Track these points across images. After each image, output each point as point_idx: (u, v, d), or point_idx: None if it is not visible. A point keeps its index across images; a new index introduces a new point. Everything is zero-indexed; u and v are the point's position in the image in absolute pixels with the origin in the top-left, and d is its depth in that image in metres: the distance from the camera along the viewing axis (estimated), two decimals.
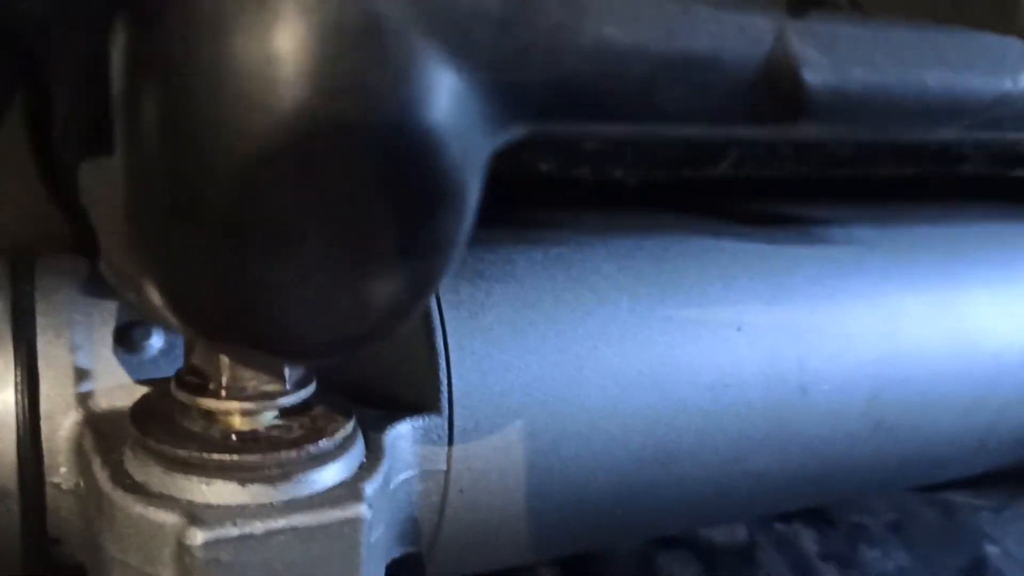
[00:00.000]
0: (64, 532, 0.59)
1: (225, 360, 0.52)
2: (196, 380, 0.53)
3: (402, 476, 0.62)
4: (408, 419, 0.62)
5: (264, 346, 0.36)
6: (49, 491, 0.58)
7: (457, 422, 0.64)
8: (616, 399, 0.69)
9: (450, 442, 0.64)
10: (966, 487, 1.17)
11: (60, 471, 0.58)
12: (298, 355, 0.37)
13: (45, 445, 0.57)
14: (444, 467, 0.64)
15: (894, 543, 1.05)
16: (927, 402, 0.85)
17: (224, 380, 0.52)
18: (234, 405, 0.52)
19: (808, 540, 1.03)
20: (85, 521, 0.58)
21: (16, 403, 0.56)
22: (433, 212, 0.32)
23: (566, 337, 0.68)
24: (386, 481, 0.57)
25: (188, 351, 0.53)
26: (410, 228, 0.32)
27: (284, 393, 0.54)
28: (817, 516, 1.06)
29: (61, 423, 0.57)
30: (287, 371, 0.54)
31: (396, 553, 0.63)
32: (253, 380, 0.53)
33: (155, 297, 0.36)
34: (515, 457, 0.66)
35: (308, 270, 0.32)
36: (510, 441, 0.66)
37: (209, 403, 0.52)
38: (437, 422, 0.63)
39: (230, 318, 0.34)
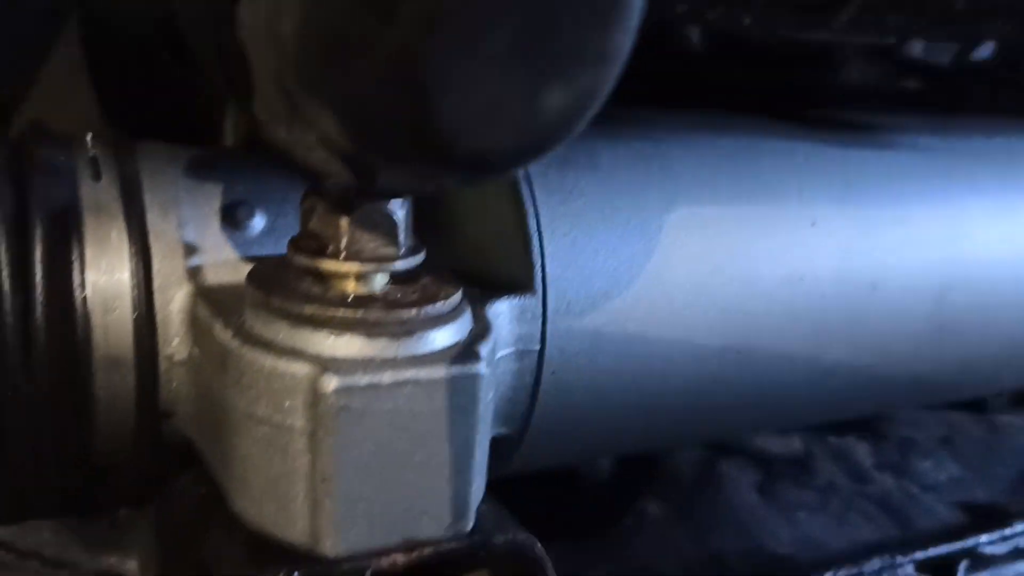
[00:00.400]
0: (174, 405, 0.61)
1: (344, 224, 0.53)
2: (314, 244, 0.54)
3: (500, 354, 0.63)
4: (506, 298, 0.63)
5: (440, 154, 0.37)
6: (162, 363, 0.59)
7: (550, 303, 0.65)
8: (698, 289, 0.71)
9: (543, 322, 0.65)
10: (1010, 412, 1.19)
11: (173, 343, 0.59)
12: (469, 165, 0.38)
13: (158, 317, 0.58)
14: (538, 346, 0.65)
15: (944, 456, 1.07)
16: (990, 305, 0.87)
17: (343, 243, 0.54)
18: (353, 267, 0.54)
19: (862, 452, 1.04)
20: (198, 390, 0.59)
21: (130, 275, 0.57)
22: (610, 20, 0.33)
23: (651, 226, 0.69)
24: (493, 351, 0.58)
25: (305, 217, 0.54)
26: (590, 33, 0.33)
27: (399, 257, 0.55)
28: (869, 430, 1.08)
29: (173, 296, 0.59)
30: (401, 236, 0.55)
31: (494, 432, 0.65)
32: (371, 243, 0.54)
33: (327, 123, 0.37)
34: (604, 340, 0.68)
35: (491, 69, 0.33)
36: (599, 324, 0.67)
37: (329, 265, 0.54)
38: (531, 302, 0.64)
39: (409, 125, 0.35)
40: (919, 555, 0.88)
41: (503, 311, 0.63)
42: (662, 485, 0.94)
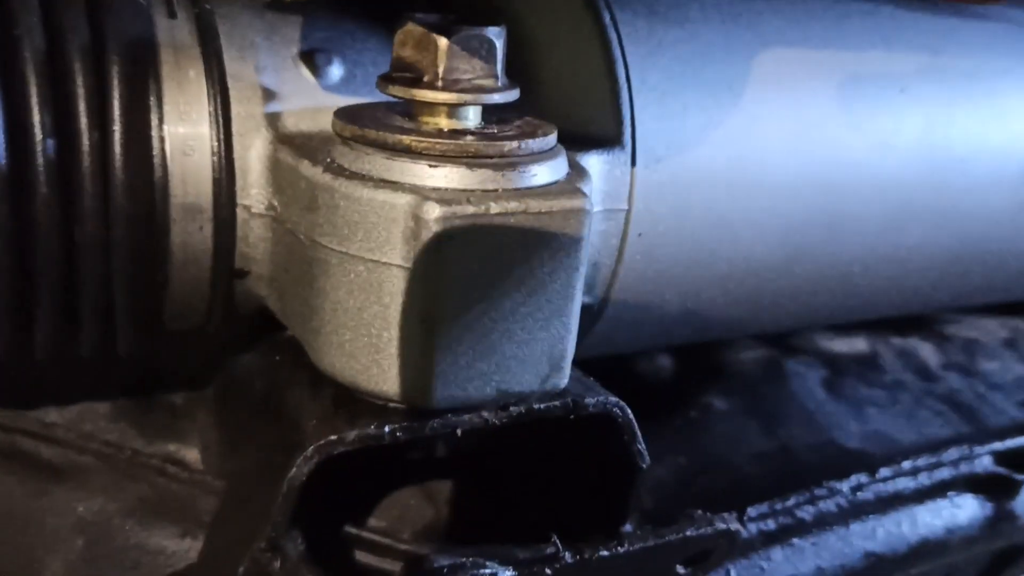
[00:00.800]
0: (250, 260, 0.58)
1: (442, 49, 0.50)
2: (408, 75, 0.51)
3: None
4: (595, 151, 0.60)
5: None
6: (240, 214, 0.56)
7: (639, 159, 0.62)
8: (787, 150, 0.68)
9: (632, 180, 0.62)
10: None
11: (251, 192, 0.56)
12: None
13: (237, 163, 0.55)
14: (625, 206, 0.62)
15: (1010, 357, 1.04)
16: None
17: (440, 71, 0.50)
18: (451, 96, 0.51)
19: (927, 351, 1.02)
20: (277, 245, 0.57)
21: (209, 116, 0.54)
22: None
23: (739, 84, 0.66)
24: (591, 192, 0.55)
25: (399, 46, 0.51)
26: None
27: (496, 89, 0.52)
28: (932, 331, 1.05)
29: (252, 142, 0.56)
30: (498, 67, 0.52)
31: None
32: (468, 73, 0.51)
33: None
34: (691, 202, 0.65)
35: None
36: (687, 184, 0.64)
37: (425, 95, 0.50)
38: (620, 156, 0.61)
39: None
40: (997, 446, 0.85)
41: (592, 165, 0.60)
42: (726, 380, 0.91)
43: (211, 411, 0.73)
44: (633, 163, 0.62)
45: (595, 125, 0.62)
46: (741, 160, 0.66)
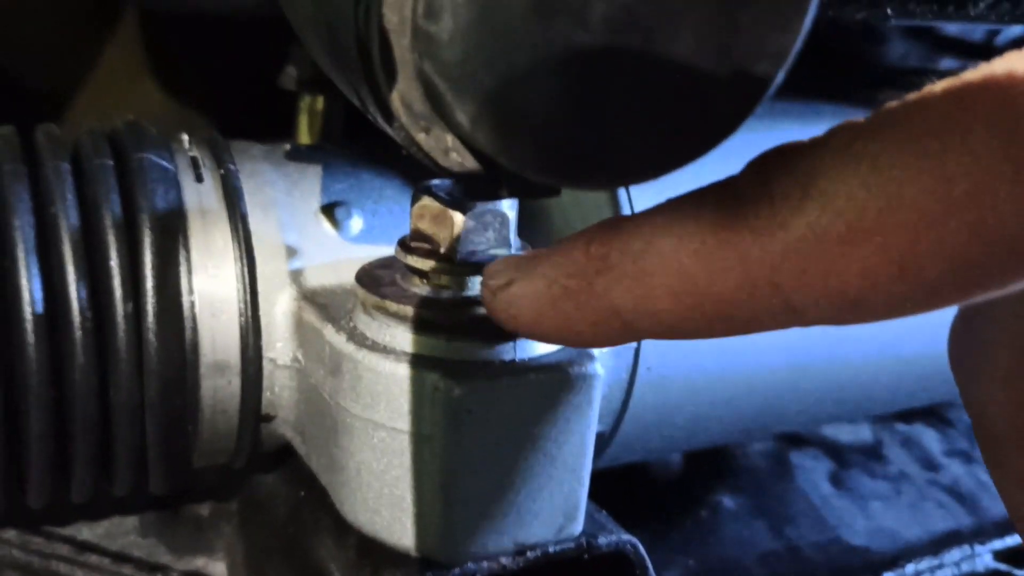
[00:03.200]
0: (276, 407, 0.61)
1: (457, 224, 0.53)
2: (425, 246, 0.54)
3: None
4: None
5: (602, 167, 0.36)
6: (265, 366, 0.59)
7: None
8: None
9: None
10: None
11: (277, 346, 0.59)
12: (623, 174, 0.37)
13: (263, 320, 0.58)
14: (635, 344, 0.65)
15: None
16: None
17: (456, 244, 0.53)
18: (467, 269, 0.53)
19: (930, 439, 1.04)
20: (301, 394, 0.59)
21: (236, 279, 0.57)
22: (791, 18, 0.33)
23: None
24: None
25: (416, 219, 0.54)
26: (769, 31, 0.33)
27: None
28: (936, 417, 1.07)
29: (277, 299, 0.58)
30: (512, 237, 0.55)
31: None
32: (482, 244, 0.54)
33: (480, 129, 0.36)
34: None
35: (670, 76, 0.33)
36: None
37: (442, 267, 0.53)
38: None
39: (575, 139, 0.35)
40: (996, 544, 0.87)
41: None
42: (734, 477, 0.93)
43: (235, 527, 0.76)
44: None
45: None
46: None
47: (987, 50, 1.18)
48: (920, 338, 0.79)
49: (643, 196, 0.65)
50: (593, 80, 0.33)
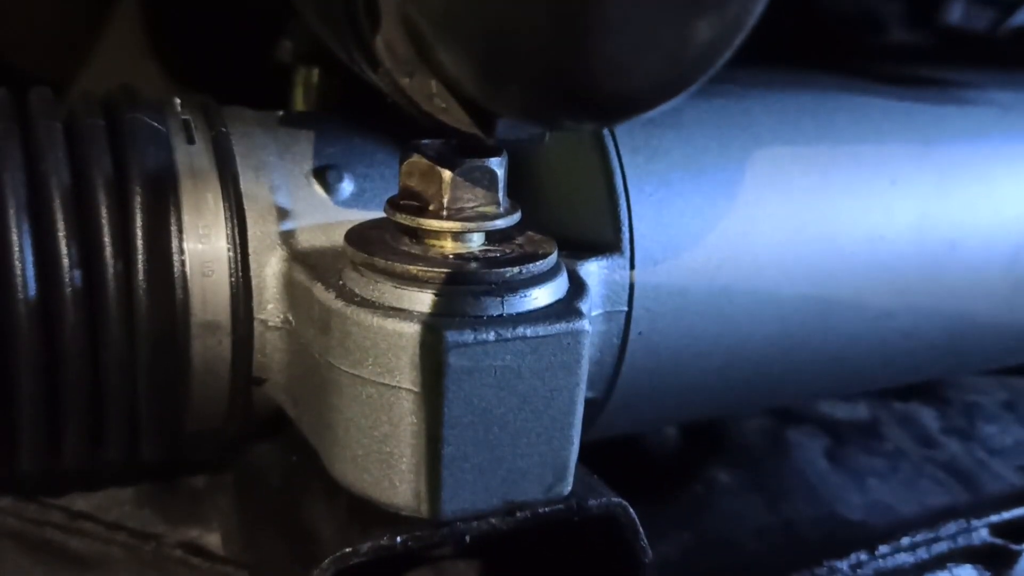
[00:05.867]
0: (267, 369, 0.61)
1: (446, 181, 0.53)
2: (414, 204, 0.54)
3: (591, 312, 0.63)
4: (594, 258, 0.63)
5: (586, 97, 0.36)
6: (256, 327, 0.59)
7: (637, 263, 0.64)
8: (782, 247, 0.70)
9: (631, 282, 0.64)
10: None
11: (267, 307, 0.59)
12: (610, 107, 0.37)
13: (253, 281, 0.58)
14: (625, 307, 0.65)
15: (1009, 420, 1.06)
16: None
17: (444, 201, 0.53)
18: (455, 225, 0.53)
19: (928, 416, 1.04)
20: (292, 355, 0.59)
21: (227, 239, 0.57)
22: None
23: (735, 184, 0.68)
24: (590, 309, 0.58)
25: (405, 175, 0.54)
26: None
27: (499, 216, 0.55)
28: (933, 395, 1.07)
29: (268, 260, 0.59)
30: (500, 194, 0.55)
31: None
32: (471, 202, 0.54)
33: (460, 66, 0.37)
34: (689, 300, 0.67)
35: (644, 4, 0.33)
36: (685, 284, 0.67)
37: (431, 223, 0.53)
38: (619, 262, 0.64)
39: (554, 67, 0.35)
40: (993, 518, 0.87)
41: (592, 272, 0.62)
42: (730, 453, 0.93)
43: (230, 497, 0.76)
44: (632, 267, 0.64)
45: (595, 231, 0.65)
46: (736, 258, 0.68)
47: (989, 41, 1.18)
48: (917, 312, 0.79)
49: (635, 161, 0.65)
50: (577, 13, 0.33)
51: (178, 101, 0.60)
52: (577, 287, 0.57)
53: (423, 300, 0.51)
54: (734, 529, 0.85)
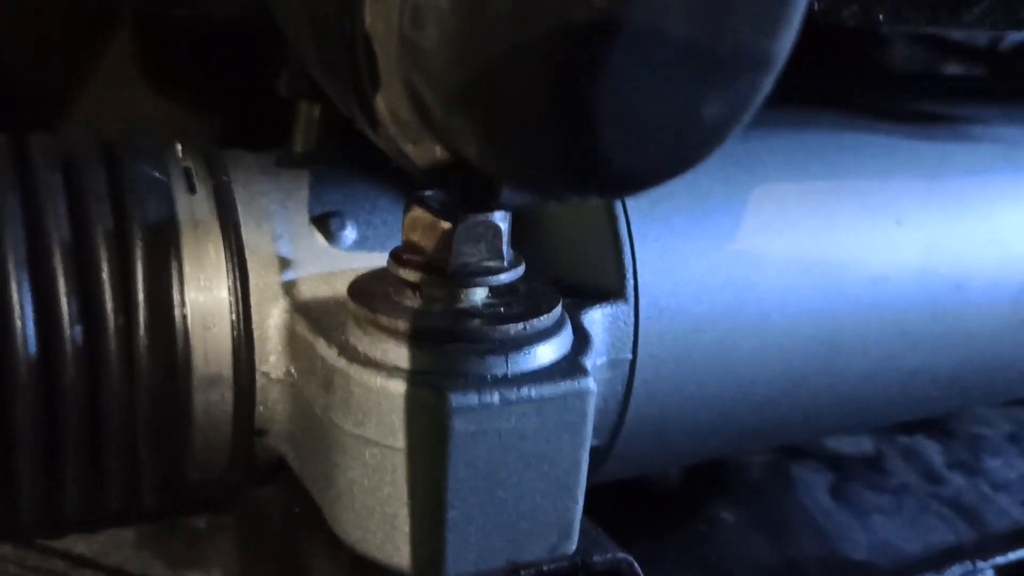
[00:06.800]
0: (269, 421, 0.60)
1: (449, 236, 0.52)
2: (417, 258, 0.53)
3: (596, 363, 0.62)
4: (599, 306, 0.62)
5: (590, 175, 0.35)
6: (258, 379, 0.58)
7: (642, 310, 0.64)
8: (787, 290, 0.70)
9: (636, 329, 0.64)
10: None
11: (269, 359, 0.58)
12: (615, 184, 0.37)
13: (256, 333, 0.57)
14: (630, 355, 0.64)
15: (1013, 453, 1.06)
16: None
17: (447, 256, 0.53)
18: (458, 280, 0.53)
19: (932, 451, 1.03)
20: (294, 408, 0.59)
21: (228, 291, 0.56)
22: (777, 22, 0.32)
23: (740, 228, 0.68)
24: (595, 363, 0.58)
25: (407, 229, 0.53)
26: (756, 37, 0.32)
27: (502, 270, 0.54)
28: (938, 428, 1.06)
29: (270, 312, 0.58)
30: (504, 248, 0.54)
31: None
32: (475, 256, 0.53)
33: (465, 140, 0.36)
34: (694, 347, 0.67)
35: (655, 82, 0.32)
36: (689, 330, 0.66)
37: (434, 279, 0.53)
38: (624, 309, 0.63)
39: (559, 146, 0.34)
40: (999, 559, 0.86)
41: (596, 320, 0.62)
42: (734, 490, 0.92)
43: (232, 542, 0.75)
44: (636, 314, 0.64)
45: (599, 277, 0.64)
46: (741, 303, 0.68)
47: (992, 55, 1.18)
48: (922, 352, 0.78)
49: (639, 206, 0.65)
50: (581, 89, 0.33)
51: (179, 147, 0.60)
52: (581, 340, 0.57)
53: (426, 360, 0.50)
54: (737, 570, 0.84)
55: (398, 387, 0.50)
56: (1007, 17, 0.46)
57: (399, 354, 0.51)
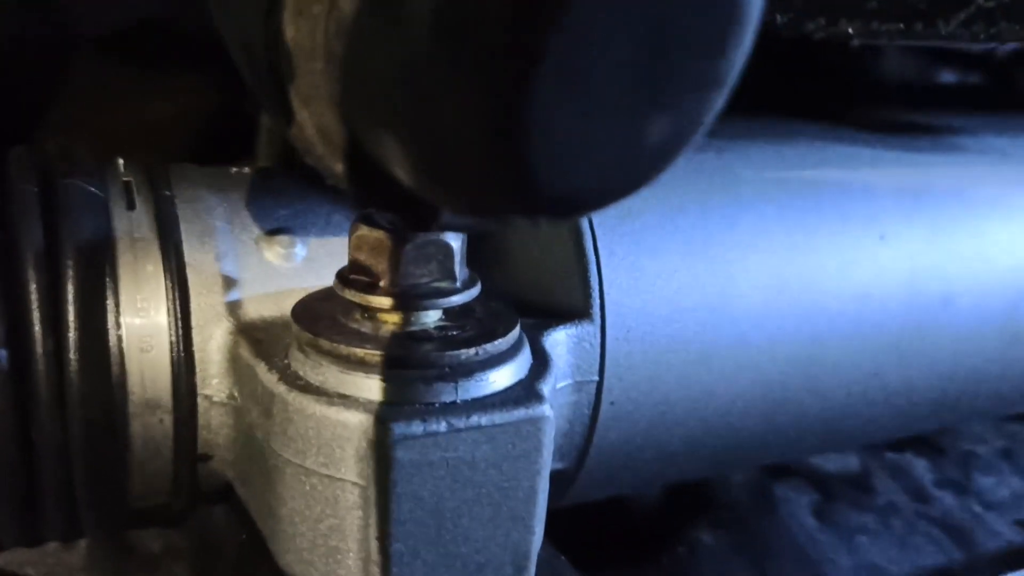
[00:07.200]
0: (213, 446, 0.57)
1: (397, 257, 0.50)
2: (364, 279, 0.50)
3: (558, 385, 0.59)
4: (562, 326, 0.59)
5: (529, 198, 0.32)
6: (200, 403, 0.55)
7: (609, 330, 0.61)
8: (764, 309, 0.67)
9: (602, 351, 0.61)
10: None
11: (212, 382, 0.55)
12: (557, 208, 0.34)
13: (197, 356, 0.55)
14: (596, 377, 0.61)
15: (1007, 470, 1.02)
16: None
17: (395, 277, 0.50)
18: (407, 302, 0.50)
19: (921, 468, 1.00)
20: (239, 432, 0.56)
21: (167, 312, 0.54)
22: (726, 41, 0.29)
23: (714, 245, 0.65)
24: (554, 388, 0.55)
25: (354, 249, 0.51)
26: (703, 58, 0.29)
27: (455, 291, 0.51)
28: (927, 445, 1.03)
29: (212, 333, 0.55)
30: (456, 269, 0.51)
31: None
32: (425, 277, 0.50)
33: (397, 161, 0.33)
34: (665, 368, 0.64)
35: (596, 105, 0.29)
36: (660, 351, 0.63)
37: (380, 301, 0.50)
38: (590, 330, 0.60)
39: (497, 169, 0.31)
40: None
41: (560, 341, 0.59)
42: (715, 511, 0.90)
43: (186, 568, 0.73)
44: (603, 335, 0.61)
45: (563, 296, 0.61)
46: (715, 323, 0.65)
47: (987, 61, 1.15)
48: (908, 370, 0.75)
49: (606, 222, 0.62)
50: (507, 113, 0.30)
51: (121, 163, 0.57)
52: (540, 364, 0.54)
53: (370, 386, 0.48)
54: None
55: (339, 415, 0.47)
56: (985, 29, 0.43)
57: (341, 380, 0.48)
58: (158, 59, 0.93)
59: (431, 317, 0.51)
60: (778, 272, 0.67)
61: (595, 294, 0.60)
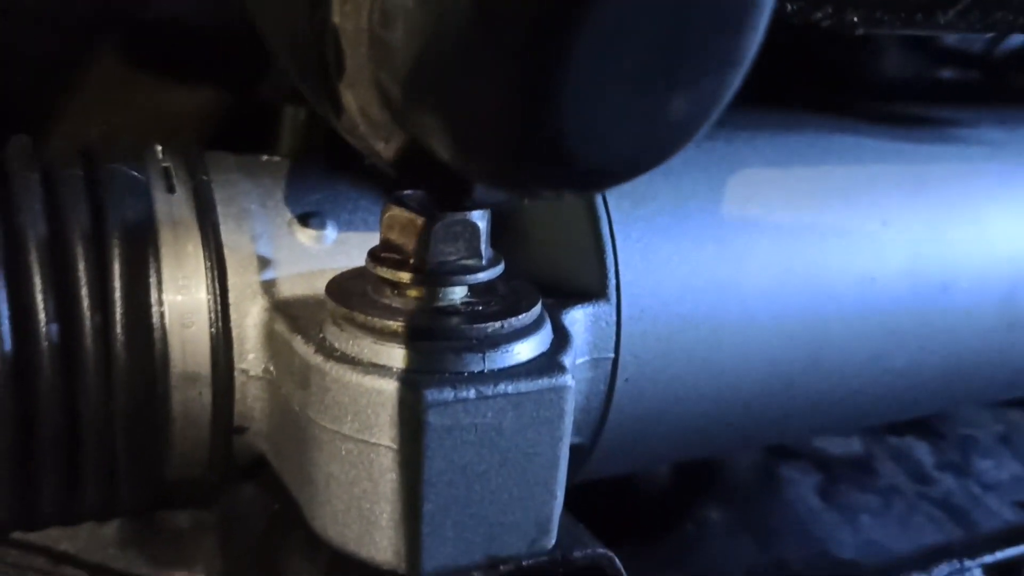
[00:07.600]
0: (248, 419, 0.60)
1: (426, 235, 0.52)
2: (395, 257, 0.53)
3: (576, 362, 0.62)
4: (580, 306, 0.62)
5: (558, 170, 0.35)
6: (237, 377, 0.58)
7: (624, 309, 0.64)
8: (772, 290, 0.69)
9: (618, 329, 0.64)
10: None
11: (248, 357, 0.58)
12: (584, 180, 0.37)
13: (234, 332, 0.57)
14: (612, 354, 0.64)
15: (1005, 454, 1.05)
16: None
17: (425, 255, 0.53)
18: (436, 279, 0.53)
19: (922, 452, 1.03)
20: (273, 405, 0.58)
21: (207, 291, 0.56)
22: (742, 22, 0.32)
23: (724, 229, 0.68)
24: (574, 361, 0.57)
25: (385, 228, 0.53)
26: (721, 37, 0.32)
27: (481, 269, 0.54)
28: (928, 429, 1.06)
29: (248, 310, 0.58)
30: (483, 247, 0.54)
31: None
32: (453, 255, 0.53)
33: (435, 136, 0.36)
34: (677, 347, 0.66)
35: (621, 80, 0.32)
36: (672, 330, 0.66)
37: (411, 277, 0.53)
38: (606, 309, 0.63)
39: (528, 142, 0.34)
40: (987, 558, 0.86)
41: (578, 319, 0.62)
42: (722, 490, 0.92)
43: (215, 540, 0.75)
44: (618, 314, 0.64)
45: (581, 277, 0.64)
46: (725, 303, 0.67)
47: (987, 60, 1.18)
48: (910, 353, 0.78)
49: (621, 205, 0.65)
50: (545, 85, 0.33)
51: (159, 148, 0.60)
52: (561, 339, 0.56)
53: (403, 356, 0.50)
54: (725, 570, 0.84)
55: (373, 383, 0.50)
56: (982, 19, 0.46)
57: (375, 350, 0.51)
58: (178, 52, 0.96)
59: (458, 293, 0.54)
60: (784, 254, 0.70)
61: (611, 275, 0.63)
